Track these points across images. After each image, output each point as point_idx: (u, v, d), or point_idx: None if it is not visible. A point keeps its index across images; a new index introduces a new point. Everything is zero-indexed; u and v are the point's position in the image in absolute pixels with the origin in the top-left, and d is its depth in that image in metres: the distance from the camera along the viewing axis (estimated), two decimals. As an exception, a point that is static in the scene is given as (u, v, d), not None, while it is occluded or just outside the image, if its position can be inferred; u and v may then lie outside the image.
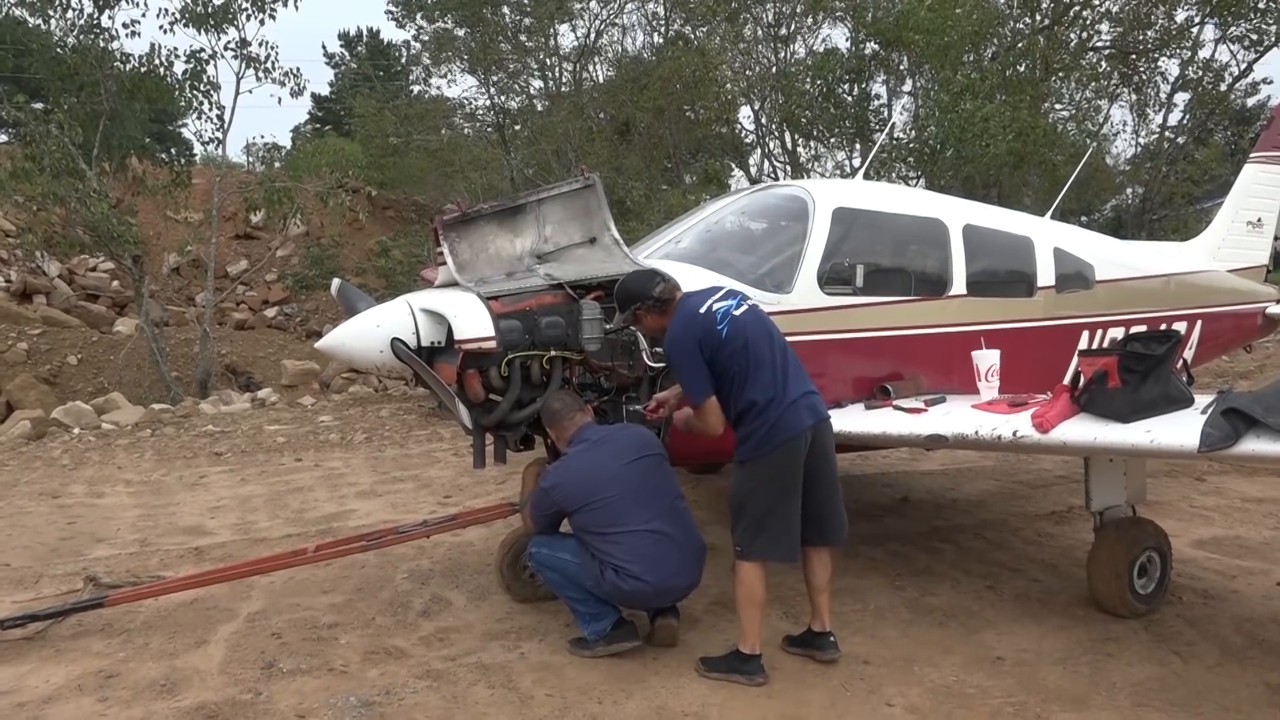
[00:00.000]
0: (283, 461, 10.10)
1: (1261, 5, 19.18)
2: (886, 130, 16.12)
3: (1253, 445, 3.80)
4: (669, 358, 4.42)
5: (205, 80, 15.17)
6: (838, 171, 21.28)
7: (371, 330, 4.61)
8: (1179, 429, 4.08)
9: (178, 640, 4.85)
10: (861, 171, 8.28)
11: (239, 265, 21.25)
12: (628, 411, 5.00)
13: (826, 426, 4.34)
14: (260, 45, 15.18)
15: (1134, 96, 22.78)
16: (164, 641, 4.84)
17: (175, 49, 16.43)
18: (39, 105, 15.97)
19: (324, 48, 56.14)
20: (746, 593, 4.23)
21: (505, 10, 21.41)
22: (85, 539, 7.04)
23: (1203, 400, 4.29)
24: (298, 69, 15.46)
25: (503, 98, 23.25)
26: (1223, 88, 21.92)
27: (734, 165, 23.97)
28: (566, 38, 23.16)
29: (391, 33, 44.10)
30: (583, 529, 4.45)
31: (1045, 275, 6.81)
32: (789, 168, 21.90)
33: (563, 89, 22.89)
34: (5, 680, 4.39)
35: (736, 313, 4.25)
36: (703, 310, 4.25)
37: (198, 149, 29.30)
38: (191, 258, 18.96)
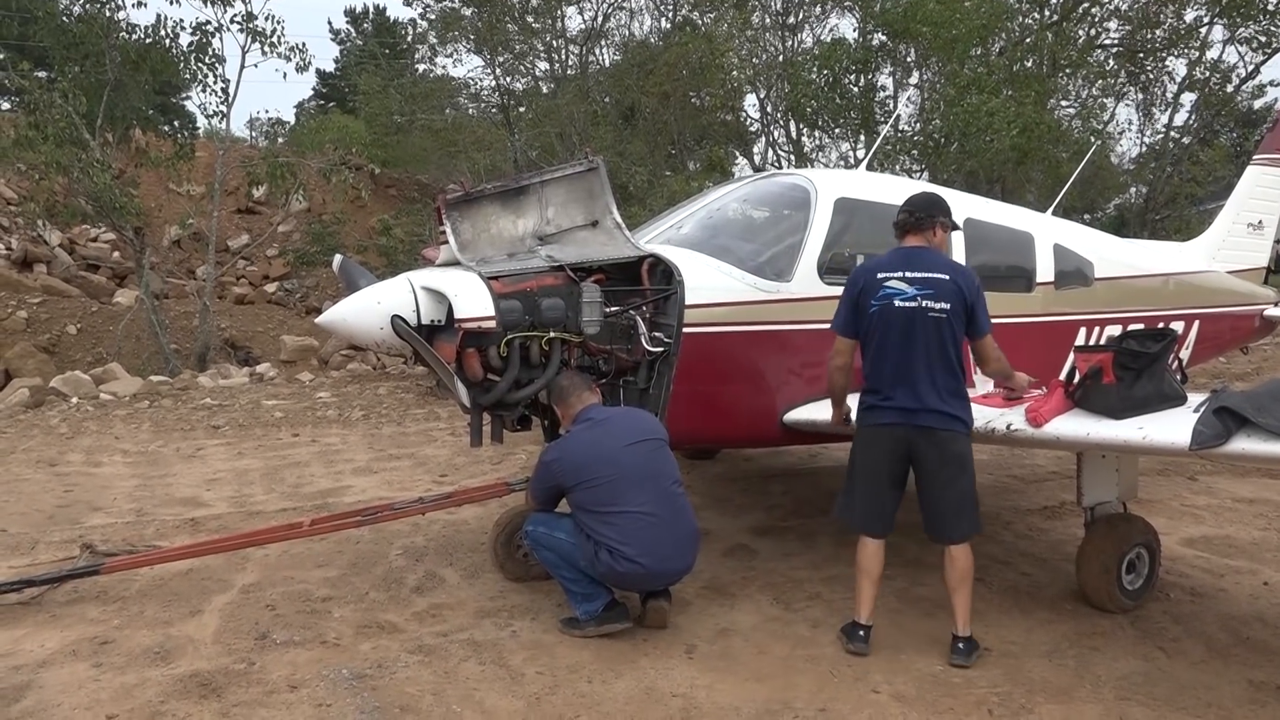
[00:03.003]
0: (280, 436, 10.14)
1: (1271, 7, 19.15)
2: (891, 122, 16.07)
3: (1243, 444, 3.83)
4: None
5: (210, 53, 15.16)
6: (842, 162, 21.26)
7: (372, 307, 4.62)
8: (1171, 426, 4.11)
9: (172, 609, 4.89)
10: (865, 163, 8.28)
11: (240, 240, 21.22)
12: None
13: (927, 434, 4.29)
14: (266, 19, 15.19)
15: (1140, 95, 22.82)
16: (159, 610, 4.87)
17: (181, 21, 16.45)
18: (43, 74, 15.94)
19: (330, 24, 56.14)
20: (857, 561, 4.50)
21: (513, -9, 21.39)
22: (82, 507, 7.08)
23: (1196, 399, 4.31)
24: (303, 44, 15.48)
25: (508, 79, 23.19)
26: (1229, 89, 21.91)
27: (738, 153, 23.96)
28: (574, 20, 23.13)
29: (398, 10, 43.94)
30: (579, 507, 4.49)
31: (1045, 271, 6.83)
32: (793, 157, 21.89)
33: (569, 72, 22.85)
34: (1, 644, 4.42)
35: (900, 303, 4.25)
36: (880, 276, 4.33)
37: (201, 122, 29.19)
38: (193, 231, 18.92)
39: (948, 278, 4.31)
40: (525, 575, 5.29)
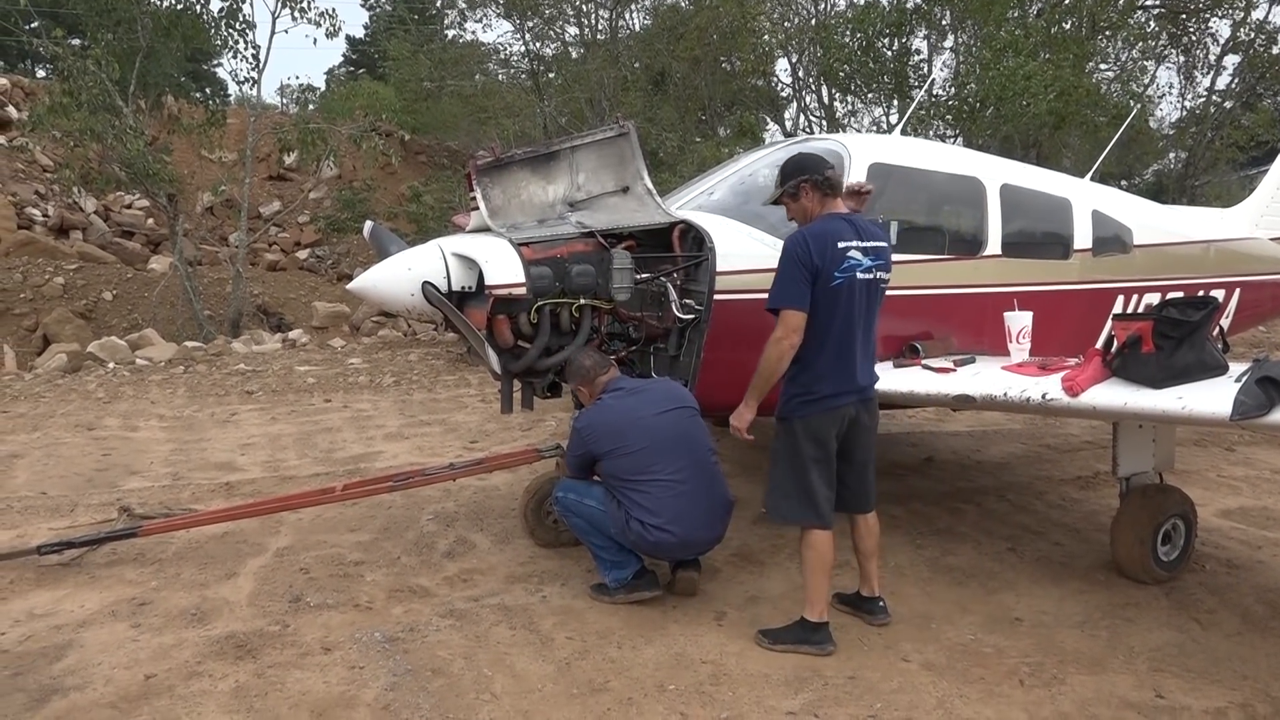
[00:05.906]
0: (312, 402, 10.23)
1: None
2: (925, 87, 15.79)
3: (1287, 415, 3.75)
4: (784, 250, 4.09)
5: (241, 19, 15.14)
6: (875, 127, 20.96)
7: (403, 273, 4.62)
8: (1212, 396, 4.02)
9: (208, 571, 4.96)
10: (899, 128, 8.15)
11: (272, 206, 21.34)
12: None
13: (868, 405, 4.26)
14: (297, -15, 15.10)
15: (1182, 58, 22.21)
16: (195, 572, 4.95)
17: (212, -14, 16.38)
18: (76, 41, 16.00)
19: (360, -11, 55.74)
20: (815, 558, 4.12)
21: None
22: (119, 471, 7.19)
23: (1237, 368, 4.23)
24: (333, 10, 15.41)
25: (538, 44, 23.04)
26: (1275, 51, 21.32)
27: (769, 119, 23.69)
28: (603, -16, 22.87)
29: (427, -25, 43.67)
30: (612, 475, 4.49)
31: (1082, 238, 6.71)
32: (825, 123, 21.61)
33: (599, 37, 22.64)
34: (43, 604, 4.52)
35: (861, 275, 4.02)
36: (841, 245, 4.00)
37: (232, 89, 29.39)
38: (225, 197, 19.03)
39: (887, 245, 4.21)
40: (555, 541, 5.31)
